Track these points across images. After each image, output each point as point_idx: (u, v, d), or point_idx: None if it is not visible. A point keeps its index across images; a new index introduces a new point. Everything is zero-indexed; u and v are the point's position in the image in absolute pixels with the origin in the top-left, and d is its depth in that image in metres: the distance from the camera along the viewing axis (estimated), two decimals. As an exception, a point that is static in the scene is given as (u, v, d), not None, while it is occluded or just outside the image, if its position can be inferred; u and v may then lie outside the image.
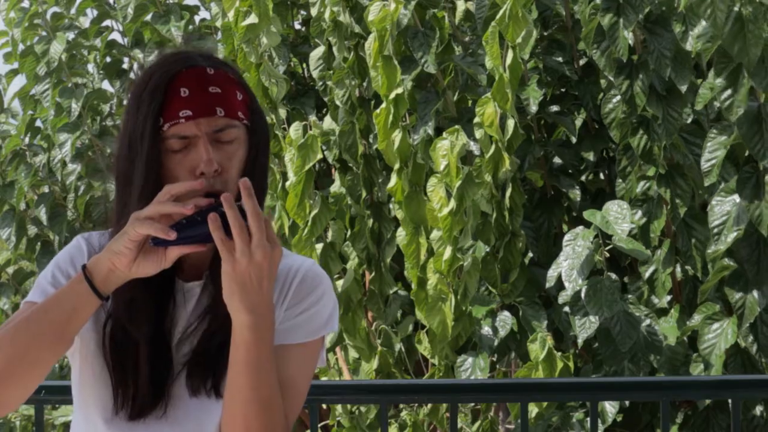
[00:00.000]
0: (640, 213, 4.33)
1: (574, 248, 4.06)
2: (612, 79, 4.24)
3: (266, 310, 1.61)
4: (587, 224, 4.13)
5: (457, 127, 4.21)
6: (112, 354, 1.73)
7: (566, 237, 4.11)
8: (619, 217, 4.01)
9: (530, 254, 4.66)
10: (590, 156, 4.75)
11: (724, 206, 3.90)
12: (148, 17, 5.90)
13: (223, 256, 1.57)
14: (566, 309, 4.29)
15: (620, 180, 4.39)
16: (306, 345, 1.76)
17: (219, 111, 1.69)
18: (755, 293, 3.90)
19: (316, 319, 1.77)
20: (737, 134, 3.79)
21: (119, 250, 1.62)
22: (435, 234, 4.32)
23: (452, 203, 4.17)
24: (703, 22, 3.88)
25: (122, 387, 1.72)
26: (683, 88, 4.15)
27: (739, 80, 3.79)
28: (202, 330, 1.74)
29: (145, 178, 1.69)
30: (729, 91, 3.81)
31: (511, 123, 4.24)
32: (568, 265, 4.05)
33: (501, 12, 4.13)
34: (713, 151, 3.90)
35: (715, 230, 3.89)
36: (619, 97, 4.25)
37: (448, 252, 4.23)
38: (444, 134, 4.21)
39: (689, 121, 4.39)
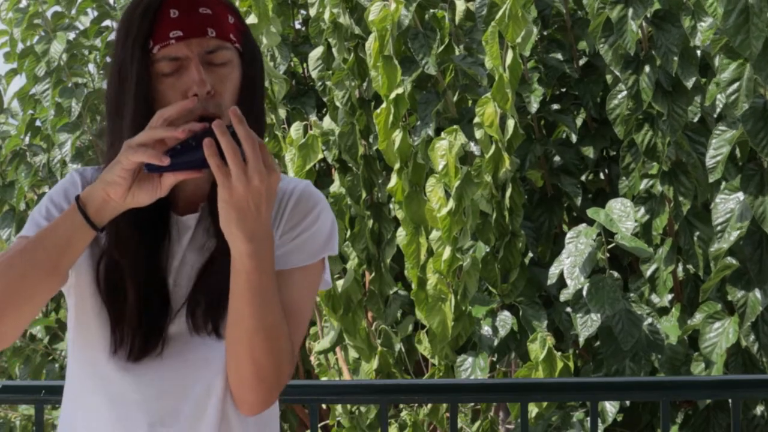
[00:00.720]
0: (642, 210, 4.32)
1: (577, 246, 4.05)
2: (618, 73, 4.23)
3: (265, 237, 1.55)
4: (588, 223, 4.13)
5: (455, 127, 4.21)
6: (107, 292, 1.68)
7: (569, 234, 4.11)
8: (622, 215, 4.01)
9: (530, 254, 4.66)
10: (590, 154, 4.74)
11: (728, 204, 3.90)
12: (148, 17, 5.90)
13: (219, 183, 1.51)
14: (567, 308, 4.29)
15: (623, 177, 4.39)
16: (307, 269, 1.70)
17: (210, 32, 1.63)
18: (757, 292, 3.90)
19: (315, 240, 1.71)
20: (742, 130, 3.79)
21: (113, 180, 1.56)
22: (435, 234, 4.32)
23: (451, 203, 4.16)
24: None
25: (119, 326, 1.68)
26: (689, 84, 4.14)
27: (745, 75, 3.79)
28: (199, 263, 1.69)
29: (135, 102, 1.62)
30: (735, 86, 3.81)
31: (511, 123, 4.24)
32: (571, 262, 4.04)
33: (501, 12, 4.13)
34: (718, 147, 3.89)
35: (719, 227, 3.89)
36: (624, 93, 4.24)
37: (447, 252, 4.23)
38: (442, 134, 4.21)
39: (696, 119, 4.39)
